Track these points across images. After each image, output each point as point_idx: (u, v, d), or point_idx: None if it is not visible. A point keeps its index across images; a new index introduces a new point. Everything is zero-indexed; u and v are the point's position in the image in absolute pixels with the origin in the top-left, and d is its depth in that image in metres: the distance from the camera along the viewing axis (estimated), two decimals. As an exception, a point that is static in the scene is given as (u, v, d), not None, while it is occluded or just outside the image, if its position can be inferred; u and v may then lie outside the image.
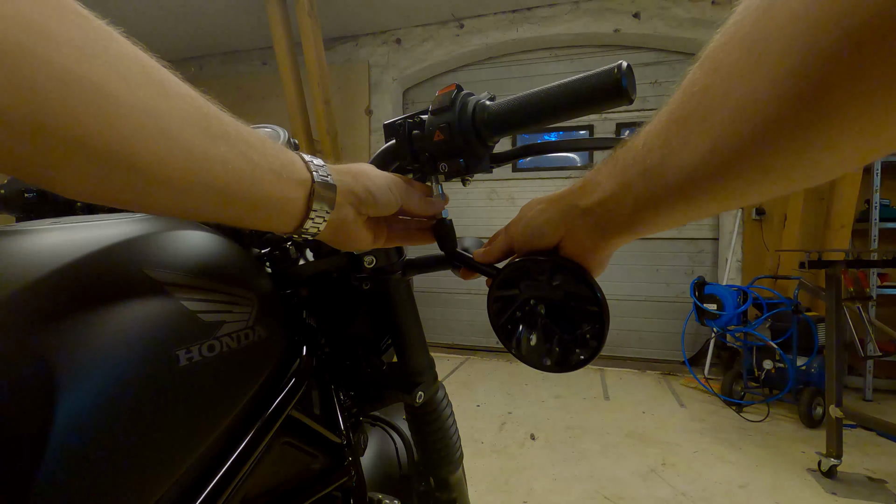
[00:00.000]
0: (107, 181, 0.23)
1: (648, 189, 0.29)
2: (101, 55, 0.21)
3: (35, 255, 0.29)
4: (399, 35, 4.04)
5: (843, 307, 2.11)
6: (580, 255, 0.36)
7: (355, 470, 0.50)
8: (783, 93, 0.19)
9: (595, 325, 0.36)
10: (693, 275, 3.44)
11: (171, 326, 0.30)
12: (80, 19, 0.20)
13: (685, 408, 2.73)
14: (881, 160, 2.88)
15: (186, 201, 0.26)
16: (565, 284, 0.37)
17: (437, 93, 0.42)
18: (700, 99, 0.24)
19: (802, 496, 1.82)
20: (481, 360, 3.76)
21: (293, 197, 0.32)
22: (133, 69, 0.22)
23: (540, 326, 0.39)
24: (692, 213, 0.29)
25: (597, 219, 0.33)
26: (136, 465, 0.27)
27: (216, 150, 0.26)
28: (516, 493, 1.85)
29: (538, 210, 0.38)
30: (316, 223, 0.35)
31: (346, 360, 0.57)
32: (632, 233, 0.33)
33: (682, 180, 0.26)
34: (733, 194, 0.25)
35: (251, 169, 0.29)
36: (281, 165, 0.31)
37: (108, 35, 0.22)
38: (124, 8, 3.51)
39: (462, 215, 4.01)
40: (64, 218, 0.40)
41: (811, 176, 0.22)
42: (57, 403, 0.24)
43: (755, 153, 0.22)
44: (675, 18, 3.40)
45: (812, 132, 0.20)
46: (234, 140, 0.28)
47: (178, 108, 0.24)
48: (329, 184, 0.35)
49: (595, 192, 0.33)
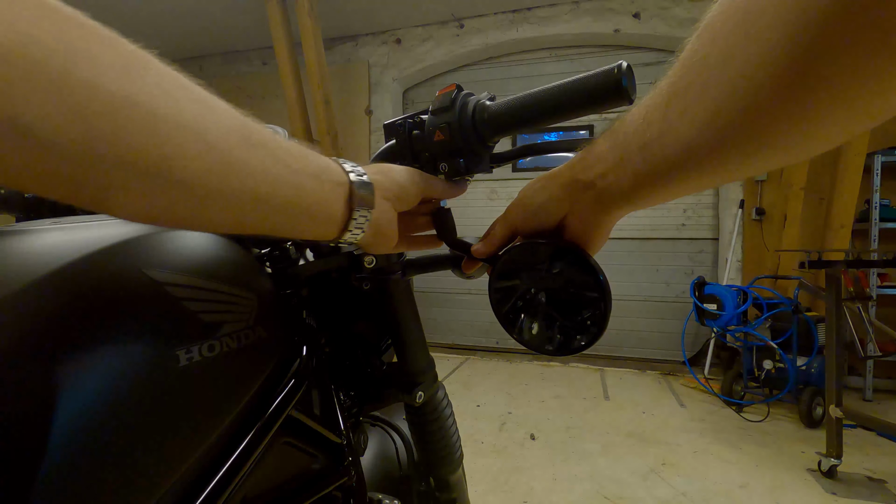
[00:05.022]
0: (158, 199, 0.23)
1: (648, 162, 0.29)
2: (143, 76, 0.21)
3: (35, 255, 0.29)
4: (399, 35, 4.04)
5: (843, 307, 2.11)
6: (584, 230, 0.36)
7: (355, 470, 0.50)
8: (775, 62, 0.20)
9: (597, 311, 0.36)
10: (693, 275, 3.44)
11: (171, 326, 0.30)
12: (117, 44, 0.21)
13: (685, 408, 2.73)
14: (881, 160, 2.88)
15: (234, 213, 0.26)
16: (566, 270, 0.37)
17: (437, 93, 0.42)
18: (699, 70, 0.24)
19: (802, 496, 1.82)
20: (481, 360, 3.76)
21: (334, 200, 0.32)
22: (173, 87, 0.22)
23: (542, 313, 0.39)
24: (692, 185, 0.29)
25: (598, 192, 0.33)
26: (136, 464, 0.27)
27: (257, 159, 0.26)
28: (516, 493, 1.85)
29: (538, 188, 0.38)
30: (359, 224, 0.34)
31: (346, 360, 0.57)
32: (632, 205, 0.33)
33: (681, 153, 0.26)
34: (732, 166, 0.26)
35: (291, 175, 0.29)
36: (319, 169, 0.31)
37: (145, 57, 0.22)
38: (125, 8, 3.51)
39: (462, 215, 3.99)
40: (64, 218, 0.40)
41: (808, 146, 0.23)
42: (57, 403, 0.24)
43: (752, 124, 0.22)
44: (675, 18, 3.40)
45: (805, 101, 0.20)
46: (273, 148, 0.28)
47: (219, 122, 0.25)
48: (366, 182, 0.34)
49: (596, 166, 0.33)
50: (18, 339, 0.25)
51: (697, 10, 3.40)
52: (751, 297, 2.68)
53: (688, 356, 3.23)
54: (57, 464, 0.23)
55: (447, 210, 0.46)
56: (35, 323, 0.25)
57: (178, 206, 0.24)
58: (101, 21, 0.21)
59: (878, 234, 2.92)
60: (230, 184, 0.25)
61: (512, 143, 3.26)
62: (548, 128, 3.27)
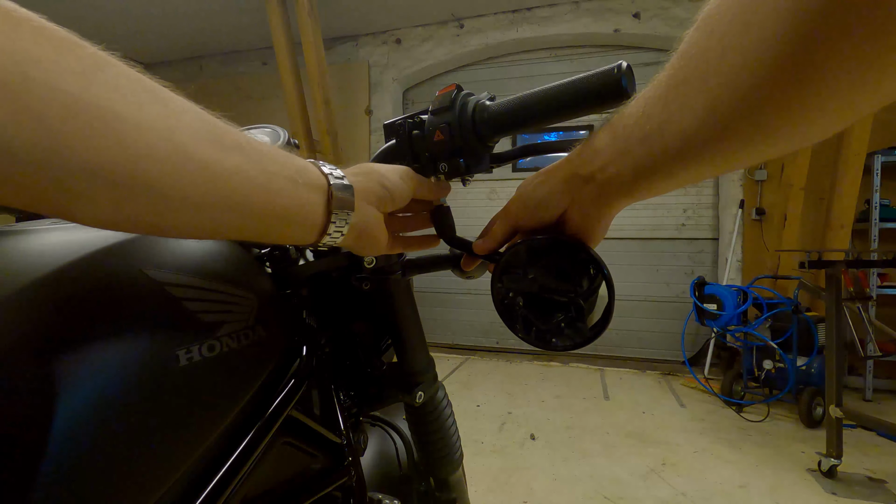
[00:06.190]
0: (126, 205, 0.22)
1: (648, 154, 0.29)
2: (101, 79, 0.20)
3: (35, 255, 0.29)
4: (399, 35, 4.04)
5: (843, 307, 2.11)
6: (585, 224, 0.36)
7: (355, 470, 0.50)
8: (775, 51, 0.20)
9: (602, 304, 0.36)
10: (693, 275, 3.44)
11: (171, 326, 0.30)
12: (75, 46, 0.20)
13: (685, 408, 2.73)
14: (881, 160, 2.89)
15: (206, 219, 0.25)
16: (569, 264, 0.38)
17: (437, 93, 0.42)
18: (698, 62, 0.24)
19: (802, 496, 1.82)
20: (481, 360, 3.75)
21: (312, 203, 0.31)
22: (136, 89, 0.22)
23: (545, 309, 0.40)
24: (692, 175, 0.29)
25: (598, 185, 0.34)
26: (136, 465, 0.27)
27: (231, 162, 0.26)
28: (516, 493, 1.85)
29: (537, 183, 0.38)
30: (339, 227, 0.33)
31: (346, 360, 0.57)
32: (633, 196, 0.33)
33: (681, 144, 0.27)
34: (732, 155, 0.26)
35: (267, 179, 0.28)
36: (296, 172, 0.30)
37: (105, 60, 0.21)
38: (125, 8, 3.51)
39: (462, 215, 4.00)
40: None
41: (808, 133, 0.23)
42: (57, 404, 0.24)
43: (752, 113, 0.22)
44: (675, 18, 3.40)
45: (806, 87, 0.20)
46: (248, 151, 0.27)
47: (187, 123, 0.24)
48: (345, 185, 0.34)
49: (595, 160, 0.33)
50: (18, 339, 0.25)
51: (697, 10, 3.39)
52: (751, 297, 2.68)
53: (688, 356, 3.23)
54: (57, 463, 0.23)
55: (447, 208, 0.46)
56: (35, 323, 0.25)
57: (147, 213, 0.23)
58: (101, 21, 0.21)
59: (878, 234, 2.93)
60: (201, 188, 0.24)
61: (512, 143, 3.26)
62: (548, 128, 3.28)
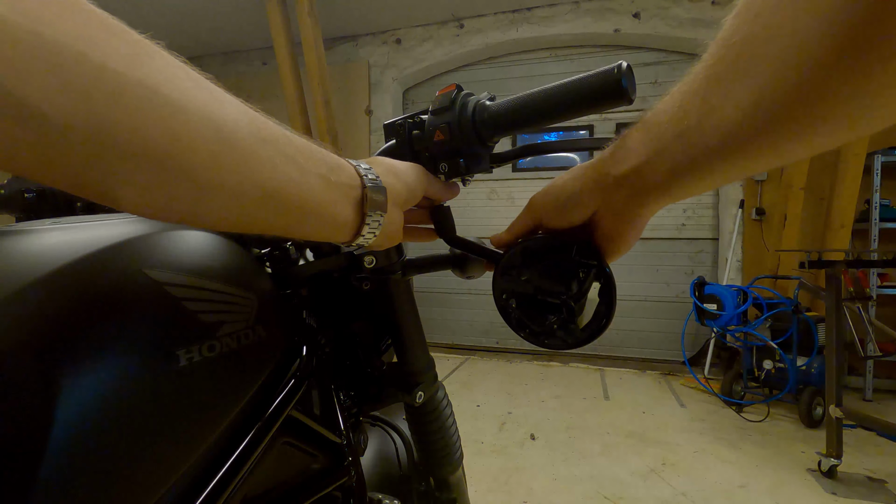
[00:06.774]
0: (163, 189, 0.22)
1: (686, 152, 0.28)
2: (148, 63, 0.20)
3: (35, 255, 0.29)
4: (399, 35, 4.04)
5: (843, 307, 2.11)
6: (617, 226, 0.36)
7: (355, 470, 0.50)
8: (833, 28, 0.18)
9: (601, 304, 0.36)
10: (693, 275, 3.44)
11: (171, 326, 0.30)
12: (123, 32, 0.20)
13: (685, 408, 2.73)
14: (881, 160, 2.88)
15: (239, 209, 0.25)
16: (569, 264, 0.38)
17: (437, 93, 0.42)
18: (740, 50, 0.22)
19: (802, 496, 1.82)
20: (481, 360, 3.75)
21: (343, 203, 0.31)
22: (180, 76, 0.22)
23: (543, 308, 0.40)
24: (733, 174, 0.27)
25: (632, 186, 0.32)
26: (135, 465, 0.27)
27: (266, 153, 0.25)
28: (516, 493, 1.85)
29: (568, 178, 0.37)
30: (372, 229, 0.33)
31: (346, 360, 0.57)
32: (670, 197, 0.32)
33: (723, 140, 0.25)
34: (779, 149, 0.24)
35: (299, 174, 0.27)
36: (328, 170, 0.30)
37: (151, 46, 0.21)
38: (124, 7, 3.52)
39: (462, 215, 4.01)
40: (64, 218, 0.40)
41: (868, 122, 0.21)
42: (57, 404, 0.24)
43: (806, 101, 0.20)
44: (676, 18, 3.40)
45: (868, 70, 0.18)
46: (282, 144, 0.27)
47: (229, 111, 0.24)
48: (379, 187, 0.33)
49: (628, 160, 0.32)
50: (18, 339, 0.25)
51: (697, 10, 3.41)
52: (751, 297, 2.68)
53: (688, 356, 3.23)
54: (57, 464, 0.23)
55: (447, 208, 0.46)
56: (35, 323, 0.25)
57: (184, 198, 0.23)
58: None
59: (878, 234, 2.92)
60: (237, 176, 0.24)
61: (512, 143, 3.26)
62: (548, 128, 3.28)
